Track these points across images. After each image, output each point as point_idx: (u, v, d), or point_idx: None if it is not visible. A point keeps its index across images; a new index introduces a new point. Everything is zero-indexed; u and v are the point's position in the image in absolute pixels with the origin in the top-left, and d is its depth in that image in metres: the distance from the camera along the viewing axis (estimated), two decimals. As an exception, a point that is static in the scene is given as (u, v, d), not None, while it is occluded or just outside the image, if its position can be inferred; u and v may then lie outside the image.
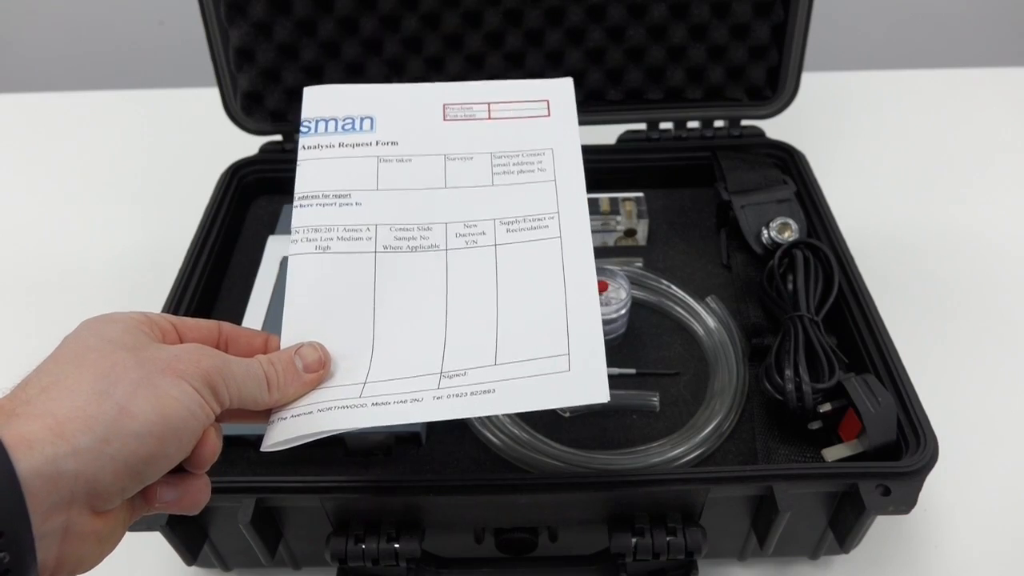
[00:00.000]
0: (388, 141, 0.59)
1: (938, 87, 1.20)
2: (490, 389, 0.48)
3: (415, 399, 0.48)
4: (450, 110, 0.60)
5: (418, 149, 0.59)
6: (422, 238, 0.55)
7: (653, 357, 0.72)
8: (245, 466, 0.65)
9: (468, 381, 0.49)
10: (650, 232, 0.83)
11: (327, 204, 0.56)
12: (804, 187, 0.81)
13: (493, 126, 0.60)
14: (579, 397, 0.47)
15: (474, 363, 0.50)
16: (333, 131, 0.58)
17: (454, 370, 0.49)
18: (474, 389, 0.48)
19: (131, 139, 1.18)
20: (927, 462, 0.56)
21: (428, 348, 0.51)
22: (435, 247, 0.55)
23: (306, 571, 0.67)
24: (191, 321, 0.48)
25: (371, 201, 0.56)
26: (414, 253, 0.55)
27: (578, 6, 0.80)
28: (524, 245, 0.55)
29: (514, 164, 0.58)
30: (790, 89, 0.84)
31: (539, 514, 0.59)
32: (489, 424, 0.65)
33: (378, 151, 0.58)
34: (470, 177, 0.58)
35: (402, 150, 0.58)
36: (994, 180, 1.04)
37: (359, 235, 0.55)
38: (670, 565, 0.57)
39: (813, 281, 0.69)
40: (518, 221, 0.56)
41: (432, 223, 0.56)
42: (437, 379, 0.49)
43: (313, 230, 0.55)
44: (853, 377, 0.61)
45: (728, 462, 0.64)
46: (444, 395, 0.48)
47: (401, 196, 0.57)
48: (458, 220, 0.56)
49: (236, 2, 0.79)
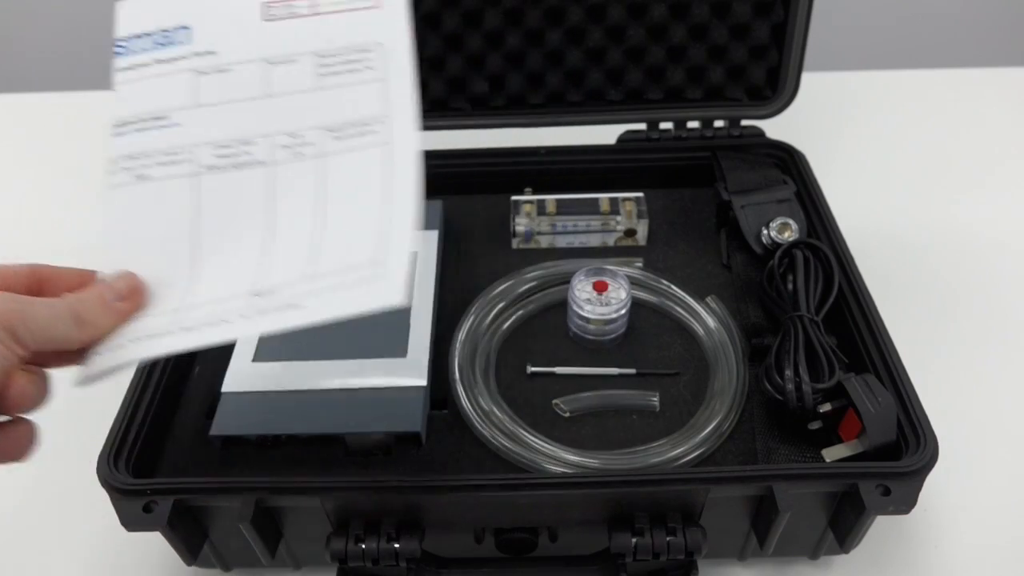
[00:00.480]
0: (205, 51, 0.55)
1: (938, 87, 1.20)
2: (296, 304, 0.47)
3: (223, 320, 0.47)
4: (270, 8, 0.57)
5: (237, 56, 0.55)
6: (245, 154, 0.53)
7: (653, 357, 0.72)
8: (245, 466, 0.65)
9: (277, 298, 0.48)
10: (650, 232, 0.83)
11: (144, 129, 0.54)
12: (804, 187, 0.81)
13: (317, 22, 0.56)
14: (375, 301, 0.47)
15: (285, 279, 0.49)
16: (148, 48, 0.55)
17: (265, 289, 0.49)
18: (280, 305, 0.48)
19: (131, 139, 1.17)
20: (927, 462, 0.56)
21: (243, 268, 0.50)
22: (260, 162, 0.53)
23: (306, 571, 0.67)
24: (2, 266, 0.48)
25: (190, 120, 0.54)
26: (238, 171, 0.53)
27: (578, 6, 0.80)
28: (351, 154, 0.52)
29: (341, 64, 0.55)
30: (790, 89, 0.84)
31: (539, 514, 0.59)
32: (489, 424, 0.65)
33: (195, 63, 0.55)
34: (294, 82, 0.55)
35: (220, 60, 0.55)
36: (994, 180, 1.04)
37: (178, 158, 0.53)
38: (670, 565, 0.57)
39: (813, 281, 0.69)
40: (345, 127, 0.53)
41: (255, 137, 0.53)
42: (246, 299, 0.48)
43: (129, 158, 0.53)
44: (853, 377, 0.61)
45: (728, 462, 0.64)
46: (251, 314, 0.47)
47: (222, 110, 0.54)
48: (282, 131, 0.53)
49: (236, 2, 0.78)
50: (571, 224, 0.82)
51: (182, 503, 0.56)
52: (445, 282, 0.79)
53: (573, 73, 0.84)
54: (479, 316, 0.74)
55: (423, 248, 0.80)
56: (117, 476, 0.57)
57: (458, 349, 0.71)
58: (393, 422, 0.64)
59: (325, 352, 0.69)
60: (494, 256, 0.82)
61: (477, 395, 0.68)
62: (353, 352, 0.69)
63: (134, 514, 0.56)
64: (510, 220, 0.83)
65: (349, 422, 0.64)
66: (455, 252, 0.83)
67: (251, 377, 0.68)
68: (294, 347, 0.70)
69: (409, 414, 0.65)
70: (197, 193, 0.53)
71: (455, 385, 0.68)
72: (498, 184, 0.88)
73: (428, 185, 0.88)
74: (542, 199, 0.84)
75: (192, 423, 0.68)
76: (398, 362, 0.68)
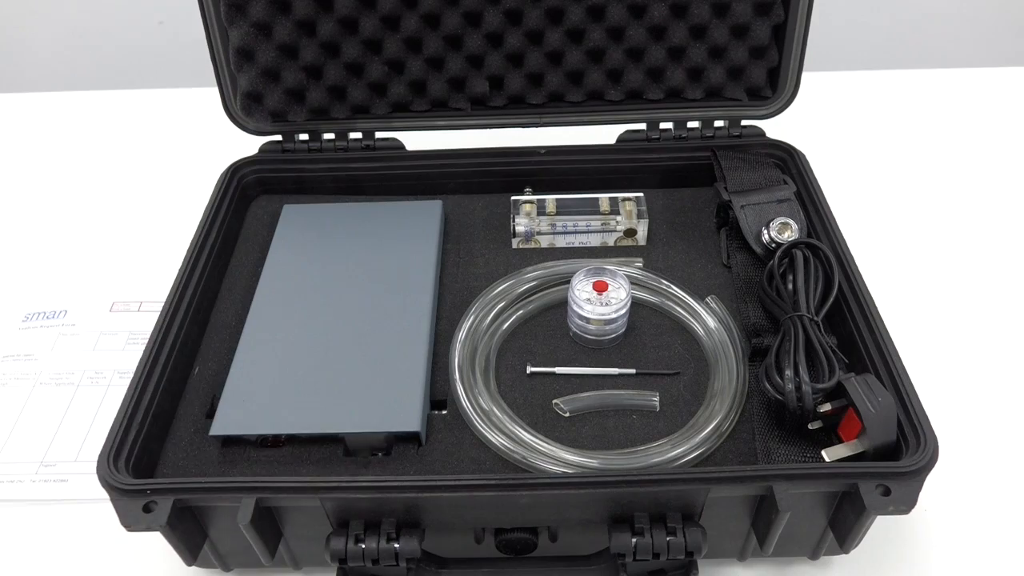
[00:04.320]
0: None
1: (938, 87, 1.21)
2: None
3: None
4: None
5: None
6: None
7: (653, 357, 0.72)
8: (245, 466, 0.65)
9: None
10: (650, 232, 0.83)
11: None
12: (804, 187, 0.81)
13: None
14: None
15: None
16: None
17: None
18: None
19: (131, 139, 1.18)
20: (927, 462, 0.56)
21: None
22: None
23: (306, 571, 0.67)
24: None
25: None
26: None
27: (578, 6, 0.80)
28: None
29: None
30: (790, 89, 0.84)
31: (539, 514, 0.59)
32: (489, 424, 0.65)
33: None
34: None
35: None
36: (994, 180, 1.04)
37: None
38: (670, 565, 0.57)
39: (813, 281, 0.69)
40: None
41: None
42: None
43: None
44: (853, 377, 0.61)
45: (728, 462, 0.64)
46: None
47: None
48: None
49: (236, 2, 0.78)
50: (571, 224, 0.82)
51: (182, 503, 0.56)
52: (445, 282, 0.79)
53: (573, 73, 0.84)
54: (479, 316, 0.74)
55: (423, 248, 0.80)
56: (117, 476, 0.57)
57: (458, 349, 0.71)
58: (393, 422, 0.64)
59: (326, 354, 0.70)
60: (494, 256, 0.82)
61: (477, 395, 0.68)
62: (354, 353, 0.69)
63: (134, 514, 0.56)
64: (510, 220, 0.83)
65: (349, 422, 0.64)
66: (455, 252, 0.83)
67: (251, 378, 0.68)
68: (296, 347, 0.70)
69: (409, 414, 0.65)
70: None
71: (455, 385, 0.68)
72: (498, 184, 0.88)
73: (428, 185, 0.89)
74: (542, 199, 0.84)
75: (192, 423, 0.68)
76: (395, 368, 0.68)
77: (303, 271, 0.78)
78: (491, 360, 0.72)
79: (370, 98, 0.85)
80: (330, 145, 0.88)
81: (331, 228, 0.83)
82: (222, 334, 0.75)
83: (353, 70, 0.83)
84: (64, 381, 0.83)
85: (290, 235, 0.82)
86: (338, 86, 0.84)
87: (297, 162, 0.88)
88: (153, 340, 0.68)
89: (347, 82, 0.84)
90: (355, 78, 0.84)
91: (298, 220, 0.84)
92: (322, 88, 0.84)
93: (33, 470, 0.75)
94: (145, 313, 0.90)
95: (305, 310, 0.74)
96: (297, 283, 0.77)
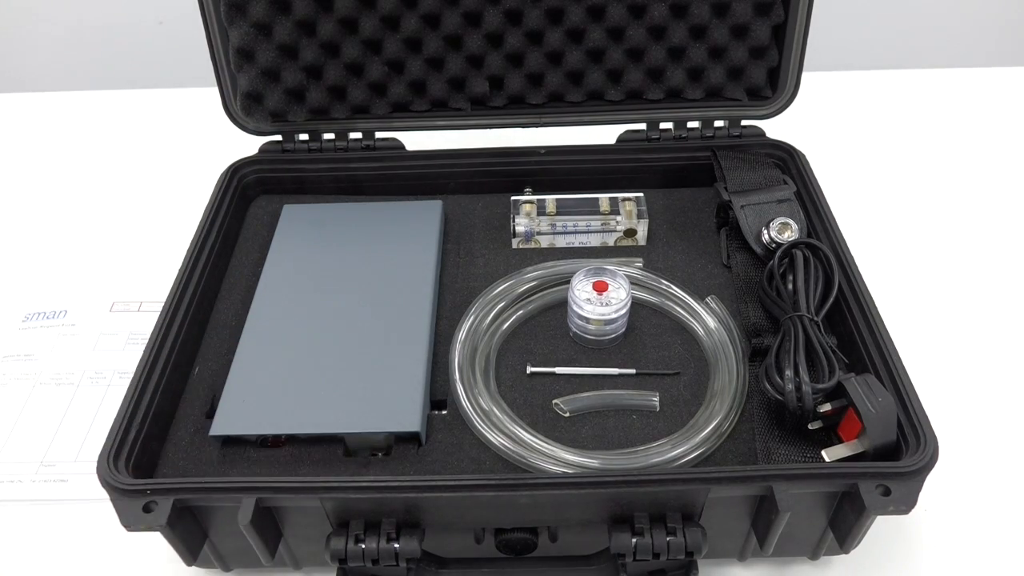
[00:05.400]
0: None
1: (938, 87, 1.21)
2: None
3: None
4: None
5: None
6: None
7: (653, 357, 0.72)
8: (245, 466, 0.65)
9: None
10: (650, 232, 0.83)
11: None
12: (804, 187, 0.81)
13: None
14: None
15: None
16: None
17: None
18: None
19: (131, 139, 1.18)
20: (927, 462, 0.56)
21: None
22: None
23: (306, 571, 0.67)
24: None
25: None
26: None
27: (578, 6, 0.80)
28: None
29: None
30: (790, 89, 0.84)
31: (539, 514, 0.59)
32: (489, 424, 0.65)
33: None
34: None
35: None
36: (994, 180, 1.04)
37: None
38: (670, 565, 0.57)
39: (813, 281, 0.69)
40: None
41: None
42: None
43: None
44: (853, 377, 0.61)
45: (728, 462, 0.64)
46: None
47: None
48: None
49: (236, 2, 0.78)
50: (571, 224, 0.82)
51: (182, 503, 0.56)
52: (445, 282, 0.79)
53: (573, 73, 0.84)
54: (479, 316, 0.74)
55: (423, 248, 0.80)
56: (117, 476, 0.57)
57: (458, 349, 0.71)
58: (393, 422, 0.64)
59: (326, 354, 0.70)
60: (494, 256, 0.82)
61: (477, 395, 0.68)
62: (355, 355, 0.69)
63: (134, 514, 0.56)
64: (510, 220, 0.83)
65: (349, 422, 0.64)
66: (455, 252, 0.83)
67: (252, 378, 0.68)
68: (296, 347, 0.70)
69: (409, 414, 0.65)
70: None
71: (455, 385, 0.68)
72: (498, 184, 0.88)
73: (428, 185, 0.89)
74: (542, 199, 0.84)
75: (192, 423, 0.68)
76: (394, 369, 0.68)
77: (303, 271, 0.78)
78: (491, 360, 0.72)
79: (370, 98, 0.85)
80: (330, 145, 0.88)
81: (331, 228, 0.83)
82: (222, 334, 0.75)
83: (353, 70, 0.84)
84: (64, 381, 0.83)
85: (290, 235, 0.82)
86: (338, 86, 0.84)
87: (297, 162, 0.88)
88: (153, 340, 0.68)
89: (347, 82, 0.84)
90: (355, 78, 0.84)
91: (298, 220, 0.84)
92: (322, 88, 0.84)
93: (33, 470, 0.75)
94: (145, 313, 0.90)
95: (305, 310, 0.74)
96: (297, 283, 0.77)
